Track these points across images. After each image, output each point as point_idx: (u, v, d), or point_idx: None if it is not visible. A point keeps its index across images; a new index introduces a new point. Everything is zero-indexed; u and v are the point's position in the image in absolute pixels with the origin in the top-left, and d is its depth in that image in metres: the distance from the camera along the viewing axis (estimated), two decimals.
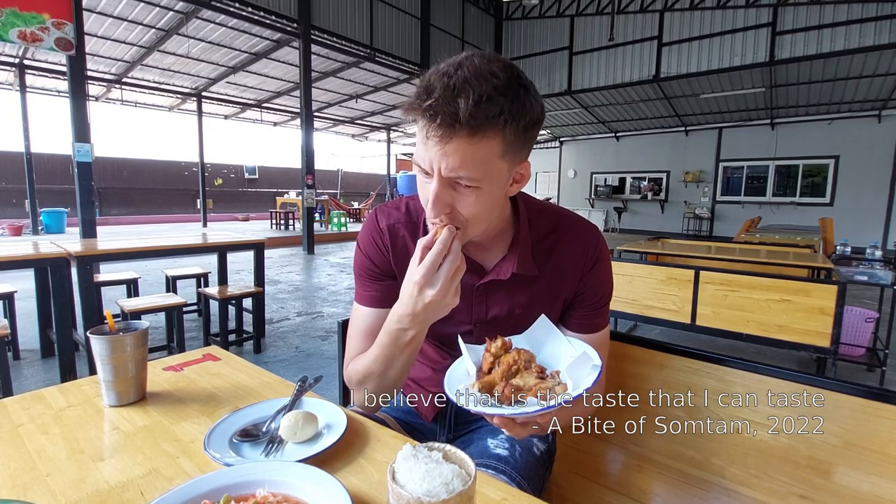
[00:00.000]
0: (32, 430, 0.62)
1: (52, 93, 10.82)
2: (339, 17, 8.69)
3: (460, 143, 0.56)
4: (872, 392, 0.72)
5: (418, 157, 0.61)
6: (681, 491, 0.88)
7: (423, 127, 0.58)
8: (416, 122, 0.60)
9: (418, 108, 0.56)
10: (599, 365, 0.56)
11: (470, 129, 0.55)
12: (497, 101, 0.55)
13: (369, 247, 0.79)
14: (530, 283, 0.75)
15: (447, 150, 0.57)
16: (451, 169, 0.58)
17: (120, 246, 2.74)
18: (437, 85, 0.55)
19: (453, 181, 0.60)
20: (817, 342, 2.37)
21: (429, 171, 0.60)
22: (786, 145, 11.47)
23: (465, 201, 0.61)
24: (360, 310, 0.80)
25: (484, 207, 0.63)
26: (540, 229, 0.76)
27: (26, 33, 4.53)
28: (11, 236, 9.79)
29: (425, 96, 0.56)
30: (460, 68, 0.56)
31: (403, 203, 0.81)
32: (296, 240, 9.62)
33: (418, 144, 0.61)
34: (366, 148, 22.48)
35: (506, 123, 0.57)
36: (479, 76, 0.55)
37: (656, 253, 3.69)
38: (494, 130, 0.57)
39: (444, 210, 0.61)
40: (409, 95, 0.59)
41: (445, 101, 0.54)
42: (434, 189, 0.60)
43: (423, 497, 0.38)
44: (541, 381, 0.57)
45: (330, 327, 3.77)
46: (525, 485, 0.73)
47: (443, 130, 0.55)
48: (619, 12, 10.24)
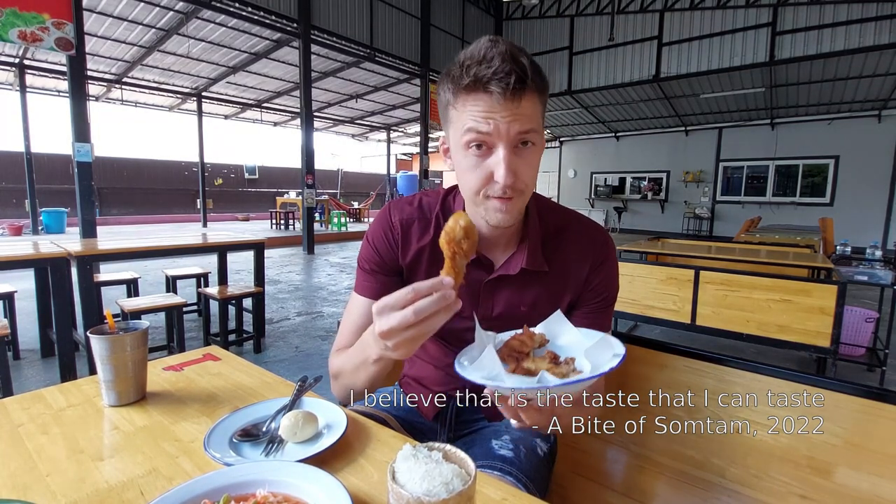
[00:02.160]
0: (32, 430, 0.62)
1: (52, 93, 10.82)
2: (339, 17, 8.68)
3: (528, 99, 0.60)
4: (872, 392, 0.72)
5: (473, 135, 0.62)
6: (681, 491, 0.88)
7: (487, 97, 0.60)
8: (466, 104, 0.62)
9: (484, 78, 0.59)
10: (622, 354, 0.52)
11: (534, 86, 0.60)
12: (537, 66, 0.62)
13: (379, 241, 0.79)
14: (538, 280, 0.75)
15: (518, 111, 0.60)
16: (520, 129, 0.61)
17: (120, 246, 2.74)
18: (491, 54, 0.59)
19: (517, 145, 0.63)
20: (817, 342, 2.37)
21: (491, 143, 0.62)
22: (786, 145, 11.48)
23: (525, 165, 0.64)
24: (357, 300, 0.80)
25: (536, 169, 0.67)
26: (549, 226, 0.77)
27: (26, 33, 4.53)
28: (11, 236, 9.79)
29: (487, 65, 0.58)
30: (497, 43, 0.60)
31: (417, 199, 0.81)
32: (296, 240, 9.62)
33: (473, 122, 0.62)
34: (366, 148, 22.50)
35: (545, 87, 0.63)
36: (516, 46, 0.61)
37: (656, 253, 3.69)
38: (540, 92, 0.63)
39: (513, 178, 0.63)
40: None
41: (512, 62, 0.58)
42: (505, 156, 0.62)
43: (423, 497, 0.38)
44: (554, 365, 0.55)
45: (330, 327, 3.76)
46: (531, 486, 0.73)
47: (517, 88, 0.58)
48: (619, 12, 10.24)
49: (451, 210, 0.79)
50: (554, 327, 0.64)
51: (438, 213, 0.78)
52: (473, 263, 0.74)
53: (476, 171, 0.65)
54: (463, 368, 0.54)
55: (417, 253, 0.78)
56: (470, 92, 0.61)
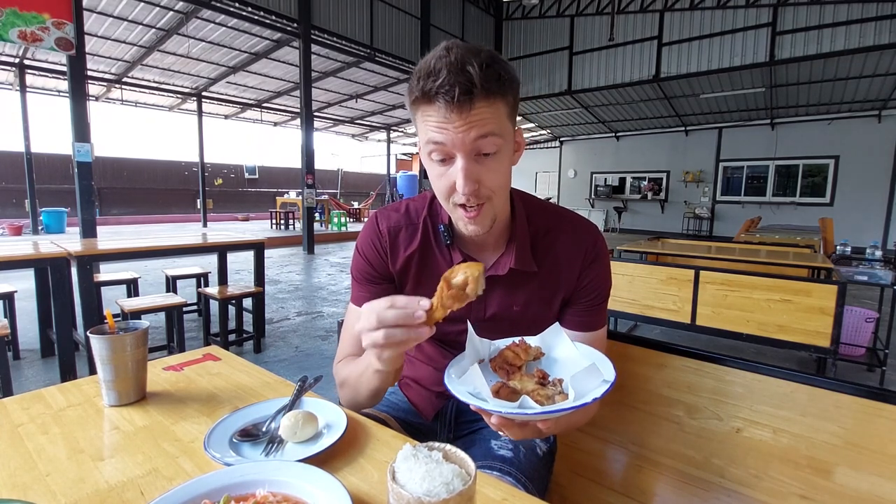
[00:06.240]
0: (32, 429, 0.62)
1: (52, 93, 10.82)
2: (339, 17, 8.68)
3: (480, 107, 0.59)
4: (872, 392, 0.72)
5: (432, 146, 0.62)
6: (681, 491, 0.88)
7: (437, 109, 0.60)
8: (422, 116, 0.62)
9: (430, 92, 0.58)
10: (611, 381, 0.52)
11: (485, 92, 0.59)
12: (495, 67, 0.60)
13: (368, 250, 0.79)
14: (529, 280, 0.75)
15: (470, 119, 0.59)
16: (476, 136, 0.60)
17: (120, 246, 2.74)
18: (439, 65, 0.58)
19: (477, 153, 0.62)
20: (817, 342, 2.37)
21: (449, 153, 0.62)
22: (786, 145, 11.47)
23: (489, 172, 0.64)
24: (354, 311, 0.80)
25: (505, 173, 0.66)
26: (539, 226, 0.77)
27: (26, 33, 4.53)
28: (11, 236, 9.79)
29: (433, 78, 0.58)
30: (450, 50, 0.59)
31: (404, 205, 0.81)
32: (296, 240, 9.62)
33: (430, 133, 0.62)
34: (366, 148, 22.49)
35: (506, 88, 0.62)
36: (470, 51, 0.59)
37: (656, 253, 3.69)
38: (500, 94, 0.61)
39: (474, 186, 0.63)
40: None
41: (457, 73, 0.57)
42: (462, 165, 0.62)
43: (423, 497, 0.38)
44: (540, 386, 0.56)
45: (330, 327, 3.76)
46: (531, 486, 0.73)
47: (462, 100, 0.58)
48: (619, 12, 10.23)
49: (438, 214, 0.78)
50: (550, 340, 0.64)
51: (426, 217, 0.78)
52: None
53: (441, 180, 0.65)
54: (450, 381, 0.55)
55: (406, 260, 0.77)
56: (421, 104, 0.62)
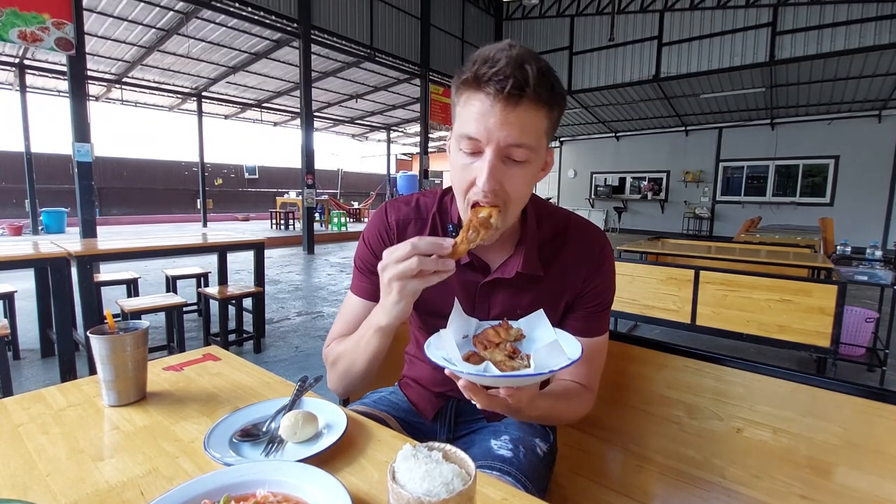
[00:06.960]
0: (32, 429, 0.62)
1: (52, 93, 10.82)
2: (339, 17, 8.68)
3: (525, 110, 0.58)
4: (872, 392, 0.72)
5: (467, 133, 0.61)
6: (681, 491, 0.88)
7: (484, 97, 0.59)
8: (466, 101, 0.61)
9: (483, 77, 0.58)
10: (574, 359, 0.54)
11: (535, 96, 0.58)
12: (550, 78, 0.59)
13: (375, 240, 0.79)
14: (534, 283, 0.75)
15: (512, 117, 0.58)
16: (511, 138, 0.59)
17: (120, 246, 2.74)
18: (500, 56, 0.58)
19: (507, 155, 0.61)
20: (817, 342, 2.37)
21: (480, 146, 0.61)
22: (786, 145, 11.47)
23: (513, 178, 0.63)
24: (352, 298, 0.81)
25: (528, 185, 0.65)
26: (547, 230, 0.76)
27: (26, 33, 4.53)
28: (11, 236, 9.79)
29: (490, 65, 0.57)
30: (513, 47, 0.59)
31: (414, 199, 0.81)
32: (296, 240, 9.62)
33: (468, 121, 0.61)
34: (366, 148, 22.49)
35: (553, 102, 0.61)
36: (531, 55, 0.59)
37: (656, 253, 3.69)
38: (547, 105, 0.60)
39: (495, 185, 0.62)
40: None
41: (515, 67, 0.57)
42: (490, 161, 0.60)
43: (423, 497, 0.38)
44: (508, 359, 0.58)
45: (330, 327, 3.76)
46: (530, 486, 0.73)
47: (512, 94, 0.57)
48: (619, 12, 10.23)
49: (448, 211, 0.79)
50: (533, 324, 0.66)
51: (435, 213, 0.78)
52: (469, 266, 0.75)
53: (463, 172, 0.65)
54: (428, 348, 0.58)
55: None
56: (469, 88, 0.61)
